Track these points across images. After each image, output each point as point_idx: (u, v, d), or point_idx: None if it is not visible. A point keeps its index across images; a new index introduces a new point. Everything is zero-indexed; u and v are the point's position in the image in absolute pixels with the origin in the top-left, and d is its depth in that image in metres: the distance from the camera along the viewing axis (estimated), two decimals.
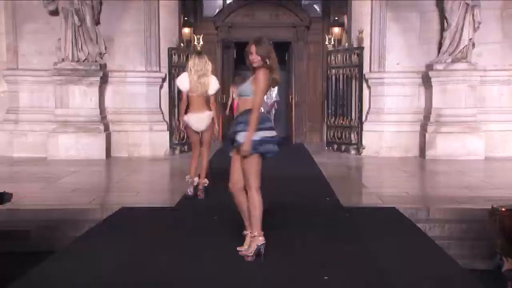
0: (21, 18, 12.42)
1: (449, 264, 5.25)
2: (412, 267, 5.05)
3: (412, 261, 5.23)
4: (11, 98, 12.65)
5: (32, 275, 4.83)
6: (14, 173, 10.29)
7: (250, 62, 4.87)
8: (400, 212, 7.09)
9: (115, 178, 9.99)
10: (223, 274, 4.74)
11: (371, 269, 4.98)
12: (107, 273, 4.78)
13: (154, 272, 4.89)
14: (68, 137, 11.94)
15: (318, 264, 4.97)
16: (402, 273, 4.88)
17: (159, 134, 12.69)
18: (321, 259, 5.16)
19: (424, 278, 4.74)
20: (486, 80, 12.28)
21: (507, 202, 6.06)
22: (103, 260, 5.17)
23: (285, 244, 5.65)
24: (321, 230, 6.33)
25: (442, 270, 5.04)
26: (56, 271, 4.94)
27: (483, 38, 12.22)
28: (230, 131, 5.02)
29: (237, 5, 16.93)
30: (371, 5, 12.64)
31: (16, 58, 12.53)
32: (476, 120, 12.05)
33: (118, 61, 12.61)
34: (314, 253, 5.37)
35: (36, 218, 7.16)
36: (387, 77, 12.60)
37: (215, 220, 6.71)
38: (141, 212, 7.22)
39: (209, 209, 7.19)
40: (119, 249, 5.53)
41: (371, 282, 4.63)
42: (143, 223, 6.65)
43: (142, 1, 12.54)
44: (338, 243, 5.80)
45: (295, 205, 7.64)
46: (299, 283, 4.54)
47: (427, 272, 4.92)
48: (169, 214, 7.22)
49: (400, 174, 10.23)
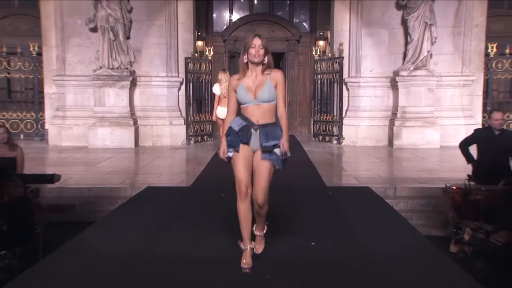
0: (68, 34, 12.39)
1: (411, 232, 5.30)
2: (382, 234, 5.08)
3: (382, 229, 5.27)
4: (59, 98, 12.61)
5: (76, 241, 4.86)
6: (62, 159, 10.28)
7: (254, 56, 3.89)
8: (373, 191, 7.12)
9: (141, 163, 9.99)
10: (228, 241, 4.74)
11: (349, 235, 5.01)
12: (135, 241, 4.79)
13: (173, 239, 4.90)
14: (104, 130, 11.91)
15: (306, 232, 4.98)
16: (374, 238, 4.90)
17: (177, 127, 12.66)
18: (308, 228, 5.17)
19: (391, 242, 4.80)
20: (441, 84, 12.24)
21: (457, 182, 6.10)
22: (132, 230, 5.19)
23: (279, 216, 5.65)
24: (309, 205, 6.34)
25: (405, 236, 5.08)
26: (95, 238, 4.96)
27: (438, 50, 12.19)
28: (262, 144, 3.91)
29: (241, 23, 16.87)
30: (349, 23, 12.62)
31: (63, 66, 12.47)
32: (433, 116, 12.01)
33: (144, 68, 12.55)
34: (303, 224, 5.38)
35: (80, 194, 7.22)
36: (362, 81, 12.55)
37: (222, 197, 6.72)
38: (162, 191, 7.23)
39: (217, 188, 7.14)
40: (145, 221, 5.54)
41: (349, 246, 4.66)
42: (165, 199, 6.66)
43: (164, 20, 12.50)
44: (323, 215, 5.83)
45: (288, 185, 7.61)
46: (290, 248, 4.54)
47: (394, 237, 4.97)
48: (185, 192, 7.23)
49: (373, 160, 10.22)
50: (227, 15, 17.22)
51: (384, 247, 4.61)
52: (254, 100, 3.92)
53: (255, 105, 3.93)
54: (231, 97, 4.08)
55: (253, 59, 3.90)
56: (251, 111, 3.96)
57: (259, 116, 3.93)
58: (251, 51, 3.89)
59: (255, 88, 3.94)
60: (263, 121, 3.93)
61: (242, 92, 3.94)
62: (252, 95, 3.92)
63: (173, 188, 7.48)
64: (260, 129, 3.91)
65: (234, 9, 17.18)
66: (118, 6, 11.80)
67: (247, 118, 3.96)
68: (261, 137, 3.90)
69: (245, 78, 3.97)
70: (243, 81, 3.97)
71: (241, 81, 3.97)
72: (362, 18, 12.49)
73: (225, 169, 4.30)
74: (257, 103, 3.92)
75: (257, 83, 3.95)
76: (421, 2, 11.68)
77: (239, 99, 3.98)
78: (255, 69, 3.97)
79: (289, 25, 16.98)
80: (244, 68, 3.99)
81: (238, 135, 3.92)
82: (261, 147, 3.91)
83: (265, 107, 3.94)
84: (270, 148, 3.89)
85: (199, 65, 12.93)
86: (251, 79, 3.97)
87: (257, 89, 3.93)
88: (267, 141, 3.89)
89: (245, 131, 3.92)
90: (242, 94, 3.94)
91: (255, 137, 3.92)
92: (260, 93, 3.91)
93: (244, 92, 3.94)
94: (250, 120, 3.94)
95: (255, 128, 3.92)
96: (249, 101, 3.92)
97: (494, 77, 13.37)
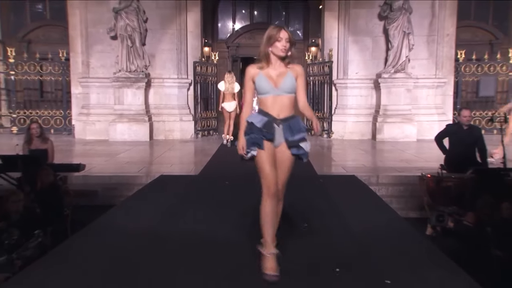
0: (91, 42, 12.38)
1: (391, 214, 5.32)
2: (366, 215, 5.10)
3: (366, 211, 5.29)
4: (84, 98, 12.60)
5: (99, 221, 4.89)
6: (86, 150, 10.29)
7: (280, 50, 3.30)
8: (358, 178, 7.13)
9: (155, 154, 10.00)
10: (230, 222, 4.77)
11: (337, 217, 5.03)
12: (150, 222, 4.81)
13: (184, 221, 4.92)
14: (123, 125, 11.90)
15: (299, 216, 4.99)
16: (359, 219, 4.93)
17: (187, 123, 12.64)
18: (302, 211, 5.18)
19: (374, 222, 4.82)
20: (417, 85, 12.23)
21: (431, 171, 6.15)
22: (147, 213, 5.21)
23: None
24: (301, 191, 6.34)
25: (386, 217, 5.10)
26: (115, 219, 4.99)
27: (415, 55, 12.16)
28: (288, 139, 3.38)
29: (242, 31, 16.85)
30: (338, 31, 12.58)
31: (88, 69, 12.46)
32: (411, 113, 12.00)
33: (158, 71, 12.52)
34: (297, 207, 5.39)
35: (102, 182, 7.23)
36: (349, 82, 12.54)
37: (226, 184, 6.75)
38: (174, 178, 7.24)
39: (221, 176, 7.19)
40: (158, 205, 5.56)
41: (337, 226, 4.69)
42: (176, 186, 6.68)
43: (175, 29, 12.47)
44: (315, 199, 5.85)
45: None
46: (284, 230, 4.52)
47: (376, 218, 4.99)
48: (194, 180, 7.23)
49: (359, 151, 10.23)
50: (230, 24, 17.20)
51: (368, 226, 4.63)
52: (275, 90, 3.33)
53: (275, 96, 3.33)
54: (248, 88, 3.47)
55: (279, 53, 3.32)
56: (271, 104, 3.36)
57: (279, 109, 3.35)
58: (278, 45, 3.30)
59: (276, 78, 3.34)
60: (283, 115, 3.36)
61: (263, 80, 3.34)
62: (273, 83, 3.33)
63: (183, 176, 7.49)
64: (282, 123, 3.35)
65: (236, 19, 17.15)
66: (135, 17, 11.80)
67: (267, 113, 3.36)
68: (286, 132, 3.36)
69: (266, 69, 3.37)
70: (263, 71, 3.37)
71: (261, 71, 3.36)
72: (349, 27, 12.47)
73: (228, 160, 4.30)
74: (278, 93, 3.33)
75: (277, 73, 3.36)
76: (400, 14, 11.69)
77: (259, 88, 3.37)
78: (277, 61, 3.37)
79: None
80: (266, 59, 3.37)
81: (262, 132, 3.31)
82: (287, 142, 3.38)
83: (285, 99, 3.36)
84: (297, 142, 3.38)
85: (205, 68, 12.94)
86: (271, 70, 3.37)
87: (278, 78, 3.34)
88: (292, 135, 3.36)
89: (268, 127, 3.32)
90: (263, 83, 3.34)
91: (278, 132, 3.35)
92: (283, 83, 3.33)
93: (265, 80, 3.34)
94: (270, 115, 3.35)
95: (277, 123, 3.34)
96: (270, 90, 3.32)
97: (463, 79, 13.45)
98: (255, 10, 16.97)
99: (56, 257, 3.87)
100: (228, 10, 17.03)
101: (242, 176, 5.85)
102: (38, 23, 15.47)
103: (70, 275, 3.42)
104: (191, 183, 6.95)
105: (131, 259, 3.77)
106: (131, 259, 3.76)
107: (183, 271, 3.51)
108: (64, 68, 13.31)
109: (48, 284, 3.30)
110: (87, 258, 3.79)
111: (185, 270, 3.53)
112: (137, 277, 3.41)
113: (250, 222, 4.80)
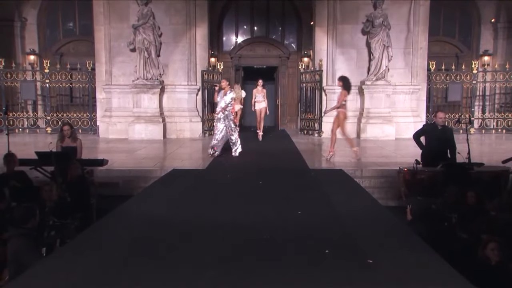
0: (114, 54, 12.40)
1: (373, 202, 5.34)
2: (352, 204, 5.12)
3: (351, 200, 5.31)
4: (107, 102, 12.62)
5: (120, 209, 4.92)
6: (109, 148, 10.32)
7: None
8: (345, 172, 7.15)
9: (168, 151, 10.02)
10: (233, 209, 4.80)
11: (327, 205, 5.05)
12: (164, 209, 4.85)
13: (193, 209, 4.95)
14: (140, 126, 11.91)
15: (293, 204, 5.02)
16: (346, 207, 4.95)
17: (196, 124, 12.63)
18: (295, 201, 5.21)
19: (359, 209, 4.85)
20: (396, 91, 12.25)
21: (407, 165, 6.16)
22: (162, 202, 5.24)
23: (271, 192, 5.71)
24: (296, 183, 6.38)
25: (369, 205, 5.12)
26: (134, 207, 5.01)
27: (394, 65, 12.19)
28: None
29: (244, 43, 16.79)
30: (327, 44, 12.58)
31: (110, 78, 12.48)
32: (390, 116, 12.03)
33: (170, 78, 12.52)
34: (291, 198, 5.42)
35: (122, 175, 7.26)
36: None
37: (228, 177, 6.79)
38: (185, 172, 7.25)
39: (225, 170, 7.23)
40: (171, 195, 5.59)
41: (327, 214, 4.71)
42: (186, 178, 6.69)
43: (185, 42, 12.47)
44: (307, 190, 5.87)
45: (279, 167, 7.68)
46: (281, 217, 4.58)
47: (361, 206, 5.00)
48: (202, 173, 7.26)
49: (345, 149, 10.19)
50: (233, 38, 17.13)
51: (353, 213, 4.66)
52: None
53: None
54: None
55: None
56: None
57: None
58: None
59: None
60: None
61: None
62: None
63: (193, 170, 7.51)
64: None
65: (239, 33, 17.09)
66: (151, 32, 11.82)
67: None
68: None
69: None
70: None
71: None
72: (336, 40, 12.47)
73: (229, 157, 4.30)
74: None
75: None
76: (380, 30, 11.76)
77: None
78: None
79: (281, 46, 16.88)
80: None
81: None
82: None
83: None
84: None
85: (212, 76, 12.92)
86: None
87: None
88: None
89: None
90: None
91: None
92: None
93: None
94: None
95: None
96: None
97: (434, 86, 13.54)
98: (255, 25, 16.92)
99: (85, 238, 3.91)
100: (231, 25, 16.99)
101: (242, 170, 5.90)
102: (69, 38, 15.89)
103: (96, 255, 3.46)
104: (199, 176, 6.98)
105: (148, 240, 3.81)
106: (148, 240, 3.79)
107: (194, 250, 3.53)
108: (90, 77, 13.33)
109: (81, 260, 3.34)
110: (110, 239, 3.83)
111: (195, 249, 3.55)
112: (156, 254, 3.45)
113: (248, 208, 4.87)
